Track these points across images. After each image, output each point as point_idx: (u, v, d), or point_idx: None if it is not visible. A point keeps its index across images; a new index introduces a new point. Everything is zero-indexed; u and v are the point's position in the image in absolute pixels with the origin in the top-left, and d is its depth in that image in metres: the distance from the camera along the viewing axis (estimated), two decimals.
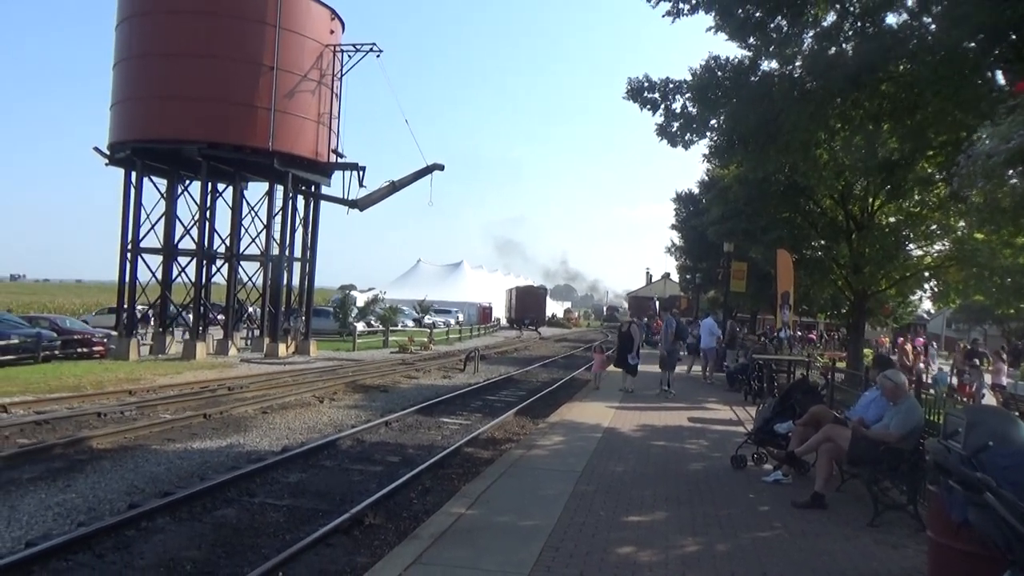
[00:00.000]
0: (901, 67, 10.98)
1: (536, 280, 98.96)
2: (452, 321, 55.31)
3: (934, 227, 19.00)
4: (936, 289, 20.75)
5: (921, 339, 35.44)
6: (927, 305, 36.25)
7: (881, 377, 7.28)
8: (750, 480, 8.34)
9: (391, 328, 39.04)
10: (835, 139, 14.45)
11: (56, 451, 10.16)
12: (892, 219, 20.16)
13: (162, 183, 27.92)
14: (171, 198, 27.64)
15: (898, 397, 7.03)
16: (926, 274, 20.26)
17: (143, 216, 27.14)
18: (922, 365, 23.43)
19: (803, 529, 6.48)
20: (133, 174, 26.74)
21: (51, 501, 8.01)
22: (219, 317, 30.03)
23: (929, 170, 15.99)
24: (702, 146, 14.01)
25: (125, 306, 26.89)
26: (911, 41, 10.46)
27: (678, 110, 12.74)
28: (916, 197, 18.48)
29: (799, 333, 38.09)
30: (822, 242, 22.18)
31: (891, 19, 11.18)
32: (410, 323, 48.10)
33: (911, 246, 20.02)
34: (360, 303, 45.19)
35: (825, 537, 6.29)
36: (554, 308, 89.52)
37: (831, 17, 11.56)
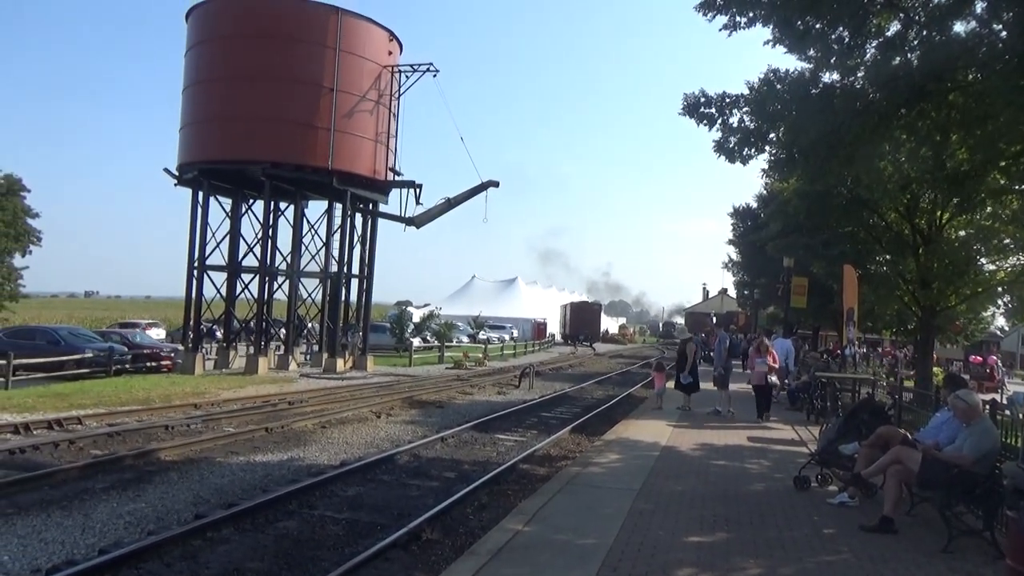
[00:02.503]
0: (970, 76, 10.63)
1: (578, 292, 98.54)
2: (506, 337, 55.42)
3: (1007, 241, 18.23)
4: (1010, 305, 19.89)
5: (993, 357, 34.03)
6: (1000, 322, 34.77)
7: (953, 398, 7.01)
8: (814, 502, 8.10)
9: (446, 344, 39.34)
10: (900, 151, 14.02)
11: (127, 462, 10.52)
12: (962, 233, 19.44)
13: (227, 202, 28.87)
14: (235, 217, 28.53)
15: (971, 418, 6.75)
16: (999, 289, 19.45)
17: (209, 234, 28.09)
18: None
19: (871, 554, 6.25)
20: (200, 194, 27.71)
21: (122, 510, 8.30)
22: (280, 332, 30.73)
23: (1002, 181, 15.37)
24: (760, 160, 13.79)
25: (191, 322, 27.76)
26: (980, 49, 10.11)
27: (735, 124, 12.56)
28: (988, 210, 17.78)
29: (876, 349, 36.99)
30: (887, 257, 21.50)
31: (959, 27, 10.84)
32: (465, 339, 48.38)
33: (983, 260, 19.25)
34: (416, 319, 45.67)
35: (895, 563, 6.06)
36: (608, 324, 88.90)
37: (895, 27, 11.27)
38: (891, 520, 6.91)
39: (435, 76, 29.52)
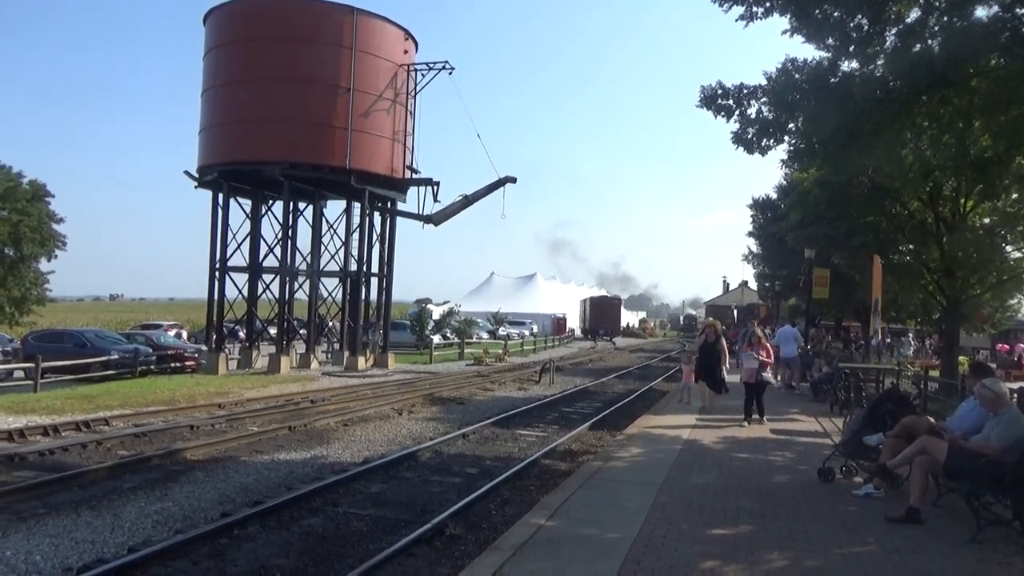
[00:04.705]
0: (993, 61, 10.46)
1: (587, 285, 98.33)
2: (526, 333, 55.51)
3: None
4: None
5: (1021, 345, 33.50)
6: None
7: (979, 387, 6.92)
8: (839, 494, 8.03)
9: (466, 340, 39.46)
10: (922, 138, 13.84)
11: (153, 462, 10.67)
12: (986, 220, 19.15)
13: (247, 204, 29.11)
14: (255, 218, 28.79)
15: (999, 407, 6.67)
16: None
17: (230, 236, 28.36)
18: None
19: (898, 545, 6.20)
20: (220, 196, 27.97)
21: (150, 509, 8.42)
22: (301, 332, 30.99)
23: None
24: (779, 151, 13.66)
25: (214, 323, 28.06)
26: (1003, 34, 9.96)
27: (753, 115, 12.47)
28: (1013, 196, 17.50)
29: (900, 339, 36.55)
30: (910, 246, 21.25)
31: (980, 12, 10.67)
32: (485, 335, 48.51)
33: (1009, 248, 18.96)
34: (436, 316, 45.86)
35: (923, 554, 6.00)
36: (627, 318, 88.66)
37: (915, 13, 11.11)
38: (918, 511, 6.84)
39: (451, 74, 29.62)
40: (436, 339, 39.40)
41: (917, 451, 7.03)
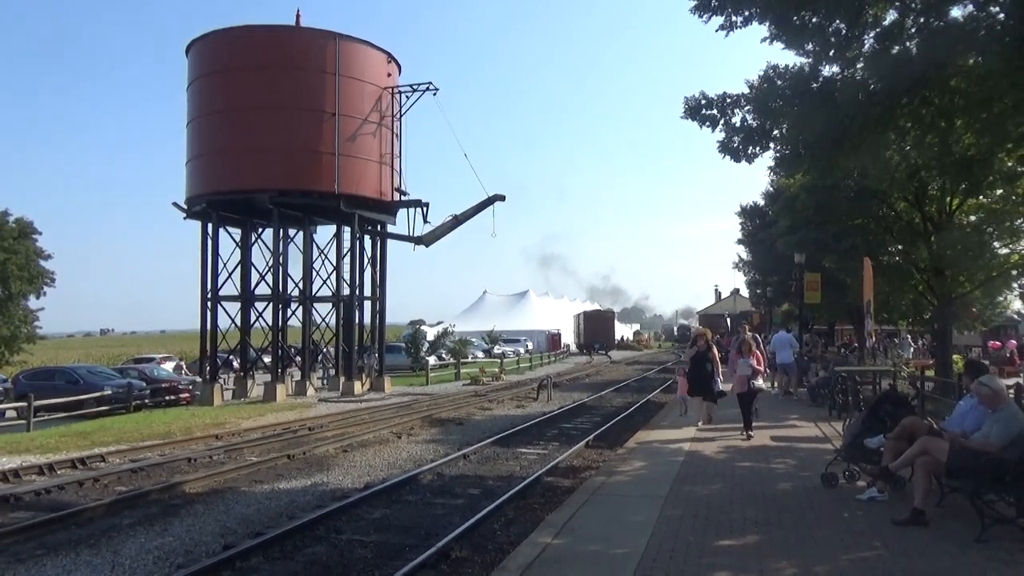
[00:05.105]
0: (971, 60, 10.58)
1: (579, 299, 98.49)
2: (521, 350, 55.35)
3: (1020, 222, 18.08)
4: None
5: (1013, 341, 33.66)
6: (1017, 305, 34.41)
7: (977, 384, 6.94)
8: (843, 498, 8.02)
9: (462, 360, 39.33)
10: (905, 139, 13.96)
11: (152, 497, 10.55)
12: (973, 217, 19.30)
13: (236, 232, 29.08)
14: (245, 246, 28.74)
15: (997, 404, 6.69)
16: (1014, 272, 19.27)
17: (220, 265, 28.27)
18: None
19: (905, 548, 6.18)
20: (210, 226, 27.94)
21: (150, 545, 8.31)
22: (296, 359, 30.84)
23: (1010, 163, 15.27)
24: (766, 158, 13.75)
25: (208, 353, 27.90)
26: (979, 32, 10.09)
27: (738, 124, 12.56)
28: (998, 193, 17.65)
29: (894, 340, 36.64)
30: (899, 247, 21.37)
31: (956, 12, 10.82)
32: (480, 354, 48.34)
33: (996, 244, 19.09)
34: (430, 337, 45.72)
35: (930, 555, 5.98)
36: (621, 331, 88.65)
37: (891, 16, 11.26)
38: (922, 512, 6.82)
39: (435, 95, 29.78)
40: (432, 360, 39.27)
41: (918, 452, 7.03)
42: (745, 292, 63.88)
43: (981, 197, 18.14)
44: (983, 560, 5.83)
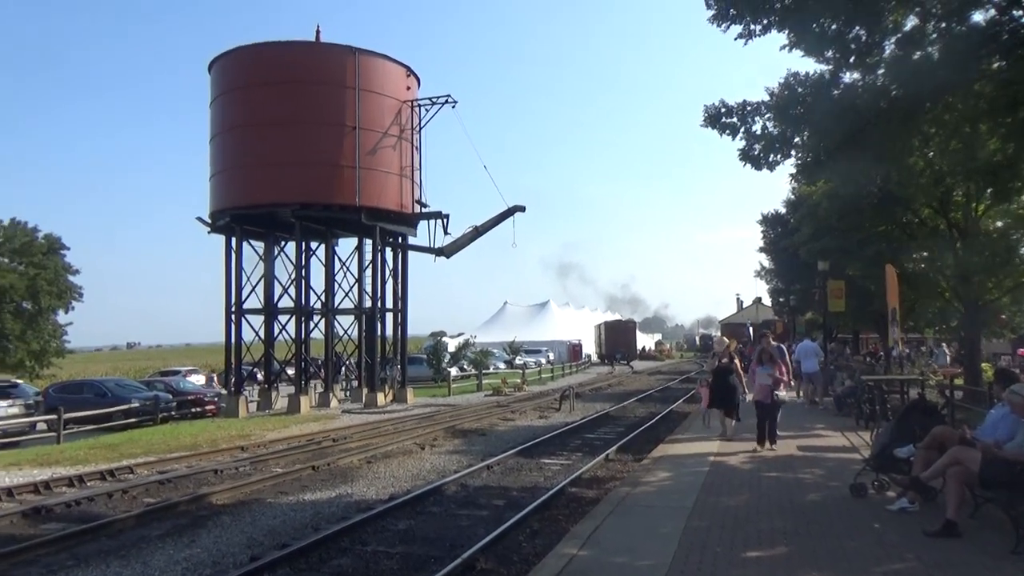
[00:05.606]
0: (995, 64, 10.48)
1: (600, 310, 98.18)
2: (543, 360, 55.25)
3: None
4: None
5: None
6: None
7: (1009, 393, 6.85)
8: (873, 509, 7.91)
9: (483, 371, 39.34)
10: (929, 145, 13.84)
11: (180, 508, 10.66)
12: (999, 223, 19.04)
13: (259, 246, 29.37)
14: (269, 259, 29.01)
15: None
16: None
17: (244, 279, 28.55)
18: None
19: (938, 560, 6.08)
20: (233, 240, 28.24)
21: (178, 556, 8.40)
22: (320, 371, 31.04)
23: None
24: (787, 166, 13.66)
25: (232, 366, 28.17)
26: (1003, 36, 9.99)
27: (759, 132, 12.51)
28: None
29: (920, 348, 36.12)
30: (924, 253, 21.13)
31: (978, 16, 10.72)
32: (501, 365, 48.33)
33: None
34: (451, 348, 45.79)
35: (964, 568, 5.89)
36: (643, 341, 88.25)
37: (912, 21, 11.18)
38: (955, 524, 6.72)
39: (453, 107, 29.97)
40: (453, 371, 39.31)
41: (950, 462, 6.93)
42: (767, 300, 63.34)
43: (1008, 203, 17.89)
44: (1019, 573, 5.74)
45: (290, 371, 29.63)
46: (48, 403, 23.33)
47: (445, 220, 30.10)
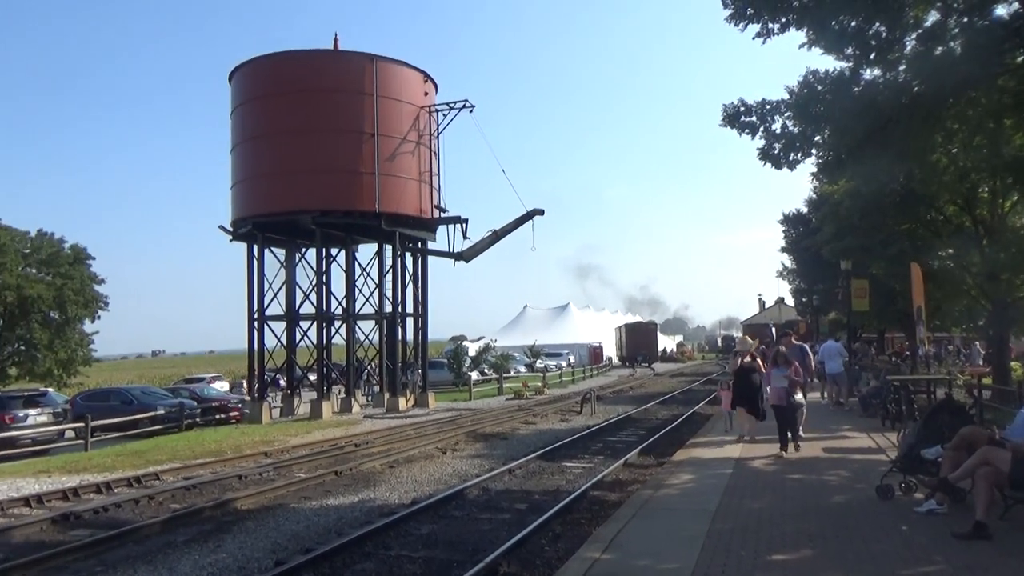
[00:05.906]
0: (1019, 59, 10.32)
1: (622, 310, 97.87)
2: (564, 364, 55.19)
3: None
4: None
5: None
6: None
7: None
8: (900, 511, 7.79)
9: (504, 375, 39.36)
10: (953, 141, 13.63)
11: (205, 514, 10.76)
12: None
13: (281, 253, 29.65)
14: (290, 266, 29.30)
15: None
16: None
17: (266, 286, 28.81)
18: None
19: (968, 563, 5.98)
20: (255, 247, 28.52)
21: (204, 561, 8.48)
22: (342, 377, 31.22)
23: None
24: (808, 164, 13.51)
25: (255, 372, 28.42)
26: None
27: (779, 131, 12.40)
28: None
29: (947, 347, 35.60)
30: (949, 251, 20.81)
31: (1001, 10, 10.57)
32: (522, 369, 48.33)
33: None
34: (472, 352, 45.87)
35: (994, 571, 5.78)
36: (664, 342, 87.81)
37: (933, 16, 11.04)
38: (985, 525, 6.60)
39: (471, 112, 30.06)
40: (474, 375, 39.36)
41: (979, 462, 6.82)
42: (790, 301, 62.77)
43: None
44: None
45: (312, 377, 29.81)
46: (76, 411, 23.66)
47: (464, 225, 30.22)
